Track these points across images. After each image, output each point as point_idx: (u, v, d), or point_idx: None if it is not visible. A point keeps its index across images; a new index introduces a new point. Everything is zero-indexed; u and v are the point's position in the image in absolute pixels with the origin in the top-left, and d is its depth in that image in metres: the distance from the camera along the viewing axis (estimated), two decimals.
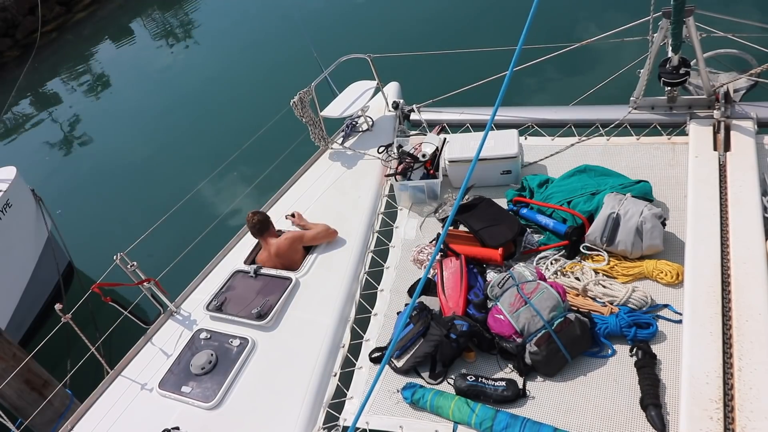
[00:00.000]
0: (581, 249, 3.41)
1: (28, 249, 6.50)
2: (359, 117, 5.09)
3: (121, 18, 15.61)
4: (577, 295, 3.20)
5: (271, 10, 12.91)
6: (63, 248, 6.90)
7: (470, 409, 2.79)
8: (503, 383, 2.88)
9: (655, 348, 2.86)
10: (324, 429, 3.02)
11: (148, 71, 12.64)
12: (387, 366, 3.13)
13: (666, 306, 3.03)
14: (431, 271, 3.57)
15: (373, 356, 3.28)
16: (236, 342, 3.52)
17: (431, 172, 4.25)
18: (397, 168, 4.25)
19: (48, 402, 4.45)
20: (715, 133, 3.73)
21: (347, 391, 3.17)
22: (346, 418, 3.02)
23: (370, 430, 2.91)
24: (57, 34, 15.56)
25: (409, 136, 4.77)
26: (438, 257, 3.55)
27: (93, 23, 15.78)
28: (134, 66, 13.10)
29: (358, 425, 2.89)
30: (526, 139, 4.43)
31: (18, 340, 5.43)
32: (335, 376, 3.27)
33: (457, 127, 4.80)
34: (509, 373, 2.97)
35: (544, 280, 3.18)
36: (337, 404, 3.13)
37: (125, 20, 15.39)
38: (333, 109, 4.94)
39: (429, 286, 3.45)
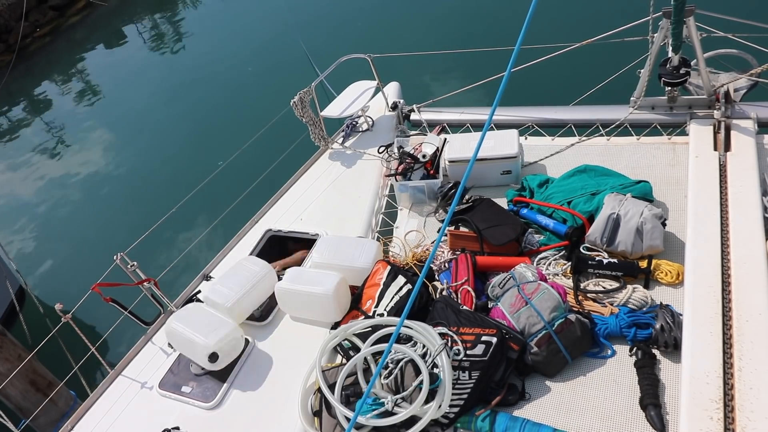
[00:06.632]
0: (581, 249, 3.41)
1: None
2: (359, 117, 5.09)
3: (114, 22, 15.59)
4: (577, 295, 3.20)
5: (267, 11, 12.91)
6: (13, 272, 6.92)
7: (470, 411, 2.79)
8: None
9: (655, 348, 2.85)
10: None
11: (141, 74, 12.64)
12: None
13: (666, 306, 3.03)
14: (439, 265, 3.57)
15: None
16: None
17: (431, 172, 4.25)
18: (397, 168, 4.25)
19: (53, 402, 4.44)
20: (716, 133, 3.73)
21: None
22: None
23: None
24: (50, 38, 15.56)
25: (409, 136, 4.77)
26: (451, 256, 3.56)
27: (86, 27, 15.77)
28: (127, 69, 13.10)
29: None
30: (526, 139, 4.42)
31: None
32: None
33: (457, 127, 4.80)
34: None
35: (545, 280, 3.18)
36: None
37: (118, 24, 15.37)
38: (333, 109, 4.94)
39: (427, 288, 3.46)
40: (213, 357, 3.18)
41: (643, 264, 3.19)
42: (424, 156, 4.25)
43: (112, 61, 13.72)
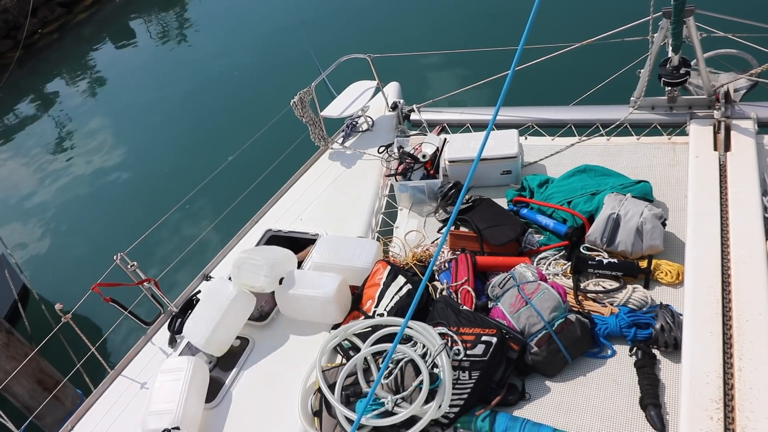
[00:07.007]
0: (581, 249, 3.41)
1: None
2: (359, 117, 5.09)
3: (121, 19, 15.64)
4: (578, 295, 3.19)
5: (271, 11, 12.92)
6: (17, 270, 6.91)
7: (470, 412, 2.79)
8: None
9: (655, 348, 2.85)
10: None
11: (148, 72, 12.65)
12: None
13: (666, 306, 3.03)
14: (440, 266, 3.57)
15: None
16: (236, 342, 3.52)
17: (431, 172, 4.25)
18: (397, 168, 4.25)
19: (60, 401, 4.44)
20: (716, 133, 3.73)
21: None
22: None
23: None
24: (58, 34, 15.59)
25: (409, 136, 4.77)
26: (451, 256, 3.56)
27: (94, 24, 15.80)
28: (134, 66, 13.12)
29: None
30: (526, 139, 4.42)
31: None
32: None
33: (457, 127, 4.80)
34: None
35: (545, 280, 3.18)
36: None
37: (126, 21, 15.41)
38: (333, 109, 4.94)
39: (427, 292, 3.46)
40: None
41: (643, 264, 3.19)
42: (424, 156, 4.25)
43: (120, 58, 13.74)
